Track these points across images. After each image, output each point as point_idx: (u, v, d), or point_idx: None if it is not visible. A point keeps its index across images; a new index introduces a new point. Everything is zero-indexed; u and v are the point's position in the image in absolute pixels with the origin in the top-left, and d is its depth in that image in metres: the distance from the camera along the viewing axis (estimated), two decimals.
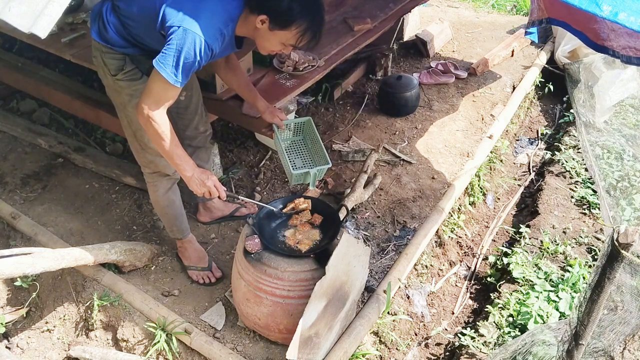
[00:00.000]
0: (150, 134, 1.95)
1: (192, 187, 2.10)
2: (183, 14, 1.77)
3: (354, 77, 4.10)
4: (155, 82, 1.84)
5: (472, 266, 3.01)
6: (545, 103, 4.35)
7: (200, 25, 1.77)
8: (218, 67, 2.38)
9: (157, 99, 1.86)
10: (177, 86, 1.84)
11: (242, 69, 2.42)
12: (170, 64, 1.78)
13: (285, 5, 1.81)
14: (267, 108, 2.43)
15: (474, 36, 4.90)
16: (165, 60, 1.78)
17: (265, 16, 1.84)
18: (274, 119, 2.43)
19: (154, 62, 1.80)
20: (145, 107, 1.87)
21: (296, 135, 2.58)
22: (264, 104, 2.43)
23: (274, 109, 2.46)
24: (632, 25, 1.53)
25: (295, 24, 1.85)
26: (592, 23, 2.09)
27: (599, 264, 1.49)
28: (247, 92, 2.43)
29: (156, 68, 1.80)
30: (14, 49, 3.86)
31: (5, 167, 3.32)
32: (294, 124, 2.55)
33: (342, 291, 2.22)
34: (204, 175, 2.09)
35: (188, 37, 1.75)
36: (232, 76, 2.38)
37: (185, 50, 1.76)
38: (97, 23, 2.04)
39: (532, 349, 2.04)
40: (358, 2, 3.74)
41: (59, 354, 2.57)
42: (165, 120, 1.91)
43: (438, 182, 3.25)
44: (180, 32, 1.75)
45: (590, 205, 3.10)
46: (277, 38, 1.91)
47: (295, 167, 2.43)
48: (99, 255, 2.45)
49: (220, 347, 2.30)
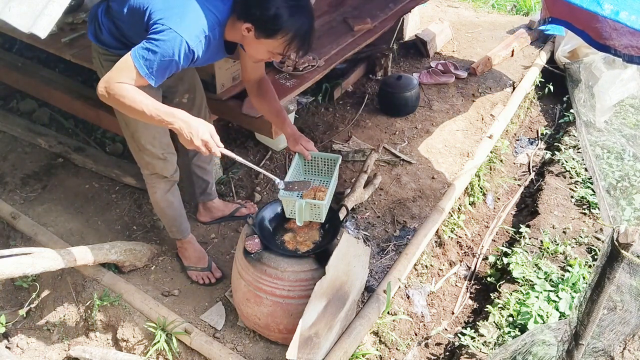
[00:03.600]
0: (116, 105, 1.78)
1: (182, 140, 1.80)
2: (169, 15, 1.74)
3: (354, 77, 4.10)
4: (126, 68, 1.73)
5: (472, 266, 3.01)
6: (545, 103, 4.35)
7: (184, 27, 1.73)
8: (250, 90, 2.29)
9: (118, 76, 1.73)
10: (148, 80, 1.75)
11: (274, 94, 2.29)
12: (146, 57, 1.72)
13: (271, 14, 1.75)
14: (292, 135, 2.29)
15: (474, 36, 4.90)
16: (142, 52, 1.72)
17: (250, 24, 1.79)
18: (296, 146, 2.28)
19: (131, 51, 1.73)
20: (102, 81, 1.74)
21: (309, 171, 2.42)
22: (291, 130, 2.30)
23: (300, 136, 2.30)
24: (633, 24, 1.54)
25: (281, 32, 1.78)
26: (594, 22, 2.09)
27: (599, 264, 1.49)
28: (275, 118, 2.32)
29: (131, 56, 1.73)
30: (14, 49, 3.87)
31: (5, 167, 3.32)
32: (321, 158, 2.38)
33: (342, 291, 2.22)
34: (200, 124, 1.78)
35: (169, 36, 1.71)
36: (263, 102, 2.29)
37: (164, 48, 1.71)
38: (93, 24, 2.04)
39: (532, 349, 2.04)
40: (358, 2, 3.75)
41: (59, 354, 2.57)
42: (125, 86, 1.73)
43: (438, 182, 3.25)
44: (163, 30, 1.71)
45: (590, 205, 3.10)
46: (263, 46, 1.85)
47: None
48: (99, 255, 2.45)
49: (220, 347, 2.30)
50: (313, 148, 2.31)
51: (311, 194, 2.27)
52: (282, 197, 2.16)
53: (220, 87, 2.79)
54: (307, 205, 2.15)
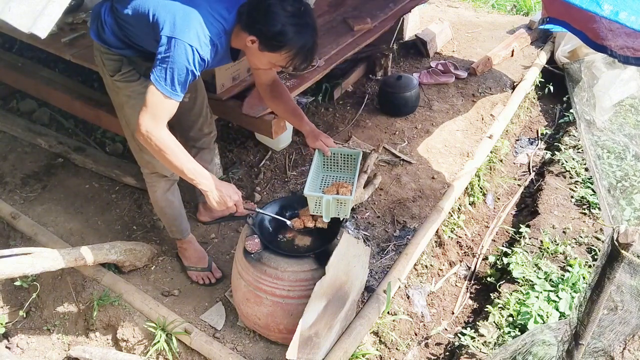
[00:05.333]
0: (153, 151, 1.86)
1: (211, 202, 1.96)
2: (175, 24, 1.75)
3: (354, 77, 4.10)
4: (153, 95, 1.78)
5: (472, 266, 3.01)
6: (545, 103, 4.34)
7: (191, 36, 1.74)
8: (264, 93, 2.31)
9: (155, 113, 1.80)
10: (175, 99, 1.80)
11: (288, 94, 2.32)
12: (165, 77, 1.75)
13: (276, 30, 1.76)
14: (311, 132, 2.32)
15: (474, 36, 4.90)
16: (160, 73, 1.76)
17: (255, 37, 1.81)
18: (315, 142, 2.32)
19: (151, 76, 1.77)
20: (143, 123, 1.80)
21: (329, 167, 2.44)
22: (310, 127, 2.32)
23: (319, 132, 2.33)
24: (632, 24, 1.53)
25: (285, 48, 1.81)
26: (591, 22, 2.09)
27: (599, 264, 1.49)
28: (292, 118, 2.34)
29: (152, 82, 1.77)
30: (14, 49, 3.87)
31: (5, 167, 3.32)
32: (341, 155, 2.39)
33: (342, 291, 2.22)
34: (229, 190, 1.98)
35: (180, 48, 1.73)
36: (278, 102, 2.31)
37: (179, 62, 1.74)
38: (95, 23, 2.04)
39: (532, 349, 2.04)
40: (358, 2, 3.75)
41: (59, 354, 2.57)
42: (167, 135, 1.84)
43: (438, 182, 3.25)
44: (173, 44, 1.73)
45: (590, 205, 3.10)
46: (266, 58, 1.88)
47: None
48: (99, 255, 2.45)
49: (220, 347, 2.30)
50: (332, 144, 2.35)
51: (333, 190, 2.28)
52: (307, 194, 2.17)
53: (220, 87, 2.79)
54: (334, 201, 2.16)
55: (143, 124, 1.80)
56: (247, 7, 1.82)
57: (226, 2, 1.85)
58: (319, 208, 2.20)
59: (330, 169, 2.45)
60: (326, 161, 2.43)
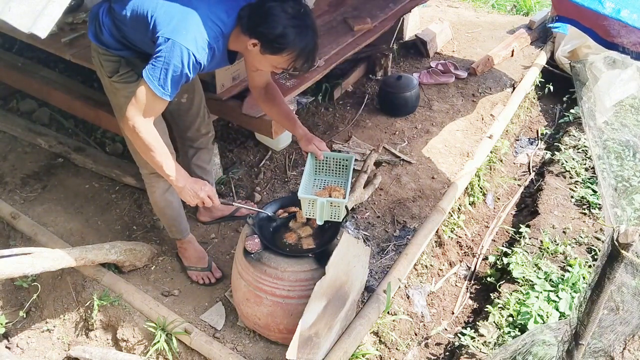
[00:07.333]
0: (138, 145, 1.91)
1: (184, 197, 2.04)
2: (173, 26, 1.76)
3: (354, 77, 4.10)
4: (143, 92, 1.80)
5: (472, 266, 3.01)
6: (545, 103, 4.34)
7: (189, 39, 1.75)
8: (257, 96, 2.32)
9: (144, 109, 1.82)
10: (165, 99, 1.82)
11: (281, 98, 2.33)
12: (159, 76, 1.77)
13: (277, 33, 1.78)
14: (304, 135, 2.32)
15: (474, 36, 4.90)
16: (154, 72, 1.77)
17: (256, 40, 1.82)
18: (308, 146, 2.31)
19: (143, 73, 1.78)
20: (131, 117, 1.83)
21: (318, 171, 2.44)
22: (303, 131, 2.32)
23: (312, 136, 2.33)
24: (634, 22, 1.53)
25: (287, 50, 1.82)
26: (601, 20, 2.08)
27: (599, 264, 1.49)
28: (285, 121, 2.35)
29: (144, 79, 1.78)
30: (14, 49, 3.87)
31: (5, 167, 3.32)
32: (333, 158, 2.40)
33: (342, 291, 2.22)
34: (197, 186, 2.03)
35: (176, 50, 1.74)
36: (272, 106, 2.32)
37: (174, 63, 1.75)
38: (93, 24, 2.04)
39: (532, 349, 2.04)
40: (358, 2, 3.75)
41: (59, 354, 2.57)
42: (152, 131, 1.88)
43: (438, 182, 3.25)
44: (169, 45, 1.74)
45: (590, 205, 3.10)
46: (268, 61, 1.89)
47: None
48: (99, 255, 2.45)
49: (220, 347, 2.30)
50: (325, 148, 2.34)
51: (326, 193, 2.28)
52: (301, 196, 2.16)
53: (220, 87, 2.79)
54: (327, 204, 2.16)
55: (131, 117, 1.84)
56: (248, 10, 1.83)
57: (226, 5, 1.85)
58: (312, 210, 2.20)
59: (323, 173, 2.45)
60: (319, 165, 2.43)
